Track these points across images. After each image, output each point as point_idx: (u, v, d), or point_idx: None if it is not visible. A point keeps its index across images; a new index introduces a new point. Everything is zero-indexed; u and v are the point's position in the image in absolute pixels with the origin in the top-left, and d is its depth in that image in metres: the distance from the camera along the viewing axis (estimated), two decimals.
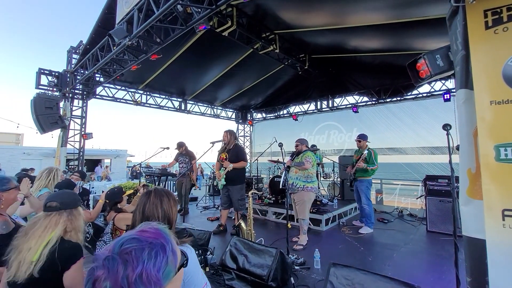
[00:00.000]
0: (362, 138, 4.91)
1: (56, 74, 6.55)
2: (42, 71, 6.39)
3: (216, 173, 4.73)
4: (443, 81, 6.35)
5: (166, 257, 0.63)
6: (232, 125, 11.25)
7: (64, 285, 1.38)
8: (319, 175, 6.50)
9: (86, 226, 3.74)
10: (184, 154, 5.76)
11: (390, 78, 6.99)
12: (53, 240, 1.41)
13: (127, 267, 0.57)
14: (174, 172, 6.87)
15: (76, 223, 1.56)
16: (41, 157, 15.25)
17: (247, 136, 11.50)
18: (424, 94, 6.72)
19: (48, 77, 6.48)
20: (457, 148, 1.59)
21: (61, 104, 6.41)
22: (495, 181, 1.24)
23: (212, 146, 4.52)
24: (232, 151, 4.50)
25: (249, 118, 11.17)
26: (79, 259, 1.44)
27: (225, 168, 4.39)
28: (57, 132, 6.63)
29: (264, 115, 10.87)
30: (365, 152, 4.56)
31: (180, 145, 5.86)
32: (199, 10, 3.60)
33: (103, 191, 3.75)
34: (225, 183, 4.42)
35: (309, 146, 4.50)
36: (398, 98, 7.13)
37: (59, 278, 1.39)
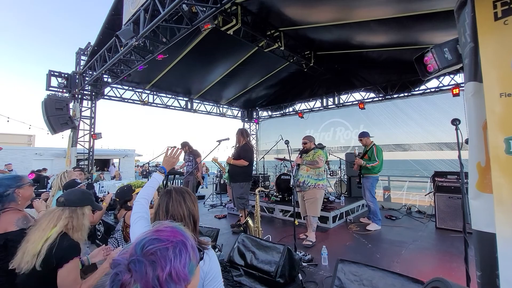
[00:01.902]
0: (362, 135, 4.81)
1: (66, 75, 6.69)
2: (52, 73, 6.54)
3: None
4: (451, 76, 6.23)
5: (188, 253, 0.64)
6: (238, 124, 11.32)
7: (57, 282, 1.39)
8: (325, 172, 6.48)
9: (97, 224, 3.82)
10: (189, 153, 5.83)
11: (397, 74, 6.90)
12: (53, 235, 1.43)
13: (156, 268, 0.57)
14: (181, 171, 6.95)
15: (78, 222, 1.56)
16: (53, 157, 15.59)
17: (253, 134, 11.52)
18: (432, 89, 6.60)
19: (58, 78, 6.62)
20: (466, 141, 1.58)
21: (71, 105, 6.55)
22: (505, 174, 1.22)
23: (218, 145, 4.55)
24: (238, 149, 4.56)
25: (254, 116, 11.19)
26: (73, 258, 1.45)
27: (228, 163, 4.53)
28: (67, 133, 6.78)
29: (269, 113, 10.86)
30: (356, 149, 4.50)
31: (183, 145, 5.93)
32: (204, 9, 3.63)
33: (108, 192, 3.82)
34: (227, 177, 4.53)
35: (317, 144, 4.47)
36: (406, 94, 7.03)
37: (55, 274, 1.40)
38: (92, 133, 7.11)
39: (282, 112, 10.25)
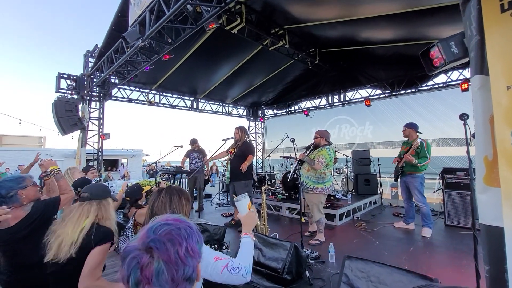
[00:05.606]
0: (408, 126, 4.23)
1: (74, 77, 6.82)
2: (61, 75, 6.67)
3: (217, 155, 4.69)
4: (460, 71, 6.11)
5: (196, 235, 0.71)
6: (244, 122, 11.32)
7: (86, 261, 1.50)
8: (332, 171, 6.40)
9: None
10: (197, 150, 5.92)
11: (404, 70, 6.80)
12: (87, 226, 1.56)
13: (175, 244, 0.63)
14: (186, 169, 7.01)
15: (106, 212, 1.70)
16: (63, 158, 15.88)
17: (258, 133, 11.53)
18: (440, 85, 6.49)
19: (67, 80, 6.76)
20: (473, 135, 1.56)
21: (80, 106, 6.67)
22: None
23: (224, 143, 4.58)
24: (240, 147, 4.51)
25: (260, 115, 11.19)
26: (106, 242, 1.59)
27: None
28: (76, 134, 6.92)
29: (275, 111, 10.85)
30: (418, 141, 3.94)
31: (194, 142, 6.05)
32: (209, 8, 3.66)
33: (125, 183, 3.88)
34: (229, 176, 4.46)
35: (329, 140, 4.08)
36: (413, 90, 6.92)
37: None
38: (100, 133, 7.24)
39: (287, 110, 10.23)
